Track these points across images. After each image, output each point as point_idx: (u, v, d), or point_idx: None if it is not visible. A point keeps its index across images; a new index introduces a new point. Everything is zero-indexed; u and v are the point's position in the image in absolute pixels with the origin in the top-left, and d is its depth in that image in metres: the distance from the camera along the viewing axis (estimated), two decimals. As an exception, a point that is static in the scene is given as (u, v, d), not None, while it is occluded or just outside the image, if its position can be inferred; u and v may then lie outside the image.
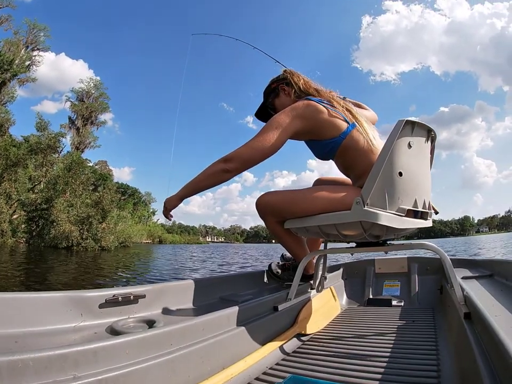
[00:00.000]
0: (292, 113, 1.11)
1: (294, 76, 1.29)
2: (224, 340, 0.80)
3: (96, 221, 18.18)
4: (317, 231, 1.10)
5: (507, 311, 0.73)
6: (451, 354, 0.89)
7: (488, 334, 0.59)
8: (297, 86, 1.25)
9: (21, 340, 0.64)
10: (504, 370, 0.48)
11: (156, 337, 0.65)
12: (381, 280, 1.84)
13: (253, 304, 1.01)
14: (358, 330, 1.22)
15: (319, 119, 1.10)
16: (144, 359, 0.61)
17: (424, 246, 1.08)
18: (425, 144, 1.06)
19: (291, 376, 0.78)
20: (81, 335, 0.74)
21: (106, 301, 0.86)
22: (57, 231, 16.82)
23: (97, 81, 34.75)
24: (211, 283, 1.27)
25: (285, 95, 1.29)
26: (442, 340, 1.03)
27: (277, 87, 1.31)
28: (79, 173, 19.46)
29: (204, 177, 1.12)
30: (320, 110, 1.11)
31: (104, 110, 34.41)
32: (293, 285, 1.19)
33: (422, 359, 0.88)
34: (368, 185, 0.94)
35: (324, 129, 1.12)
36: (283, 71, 1.34)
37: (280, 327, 1.10)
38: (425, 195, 1.06)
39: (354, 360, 0.91)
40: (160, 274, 6.20)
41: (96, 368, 0.53)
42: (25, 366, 0.46)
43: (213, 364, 0.75)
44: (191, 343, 0.72)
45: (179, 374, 0.66)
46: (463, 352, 0.75)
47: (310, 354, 1.00)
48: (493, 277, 1.28)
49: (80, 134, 31.81)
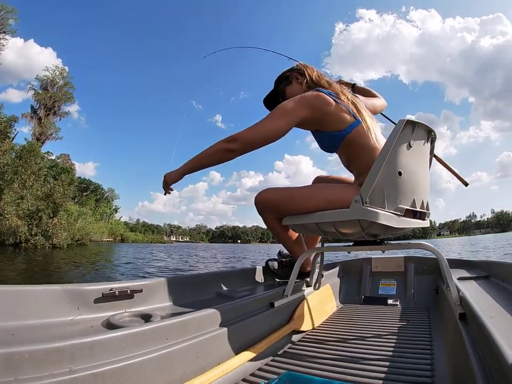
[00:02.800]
0: (300, 101, 1.12)
1: (308, 68, 1.31)
2: (220, 336, 0.80)
3: (47, 215, 16.62)
4: (315, 229, 1.10)
5: (502, 313, 0.74)
6: (445, 354, 0.89)
7: (482, 335, 0.59)
8: (310, 77, 1.27)
9: (18, 332, 0.64)
10: (497, 371, 0.48)
11: (152, 332, 0.65)
12: (377, 279, 1.85)
13: (249, 300, 1.01)
14: (354, 328, 1.23)
15: (326, 111, 1.11)
16: (140, 353, 0.61)
17: (421, 245, 1.08)
18: (425, 144, 1.06)
19: (286, 373, 0.78)
20: (78, 328, 0.74)
21: (103, 295, 0.86)
22: (4, 225, 14.96)
23: (63, 69, 32.65)
24: (208, 279, 1.27)
25: (297, 84, 1.30)
26: (437, 339, 1.03)
27: (290, 75, 1.32)
28: (31, 162, 17.06)
29: (206, 155, 1.13)
30: (329, 102, 1.11)
31: (68, 100, 32.57)
32: (290, 282, 1.20)
33: (416, 358, 0.89)
34: (367, 184, 0.94)
35: (330, 121, 1.12)
36: (297, 64, 1.36)
37: (276, 324, 1.10)
38: (423, 195, 1.06)
39: (349, 358, 0.92)
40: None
41: (92, 361, 0.53)
42: (21, 358, 0.46)
43: (209, 359, 0.75)
44: (187, 337, 0.72)
45: (175, 369, 0.66)
46: (458, 352, 0.75)
47: (305, 351, 1.01)
48: (489, 278, 1.28)
49: (42, 124, 29.95)
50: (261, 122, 1.10)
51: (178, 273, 6.31)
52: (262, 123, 1.10)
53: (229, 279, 1.35)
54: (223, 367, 0.77)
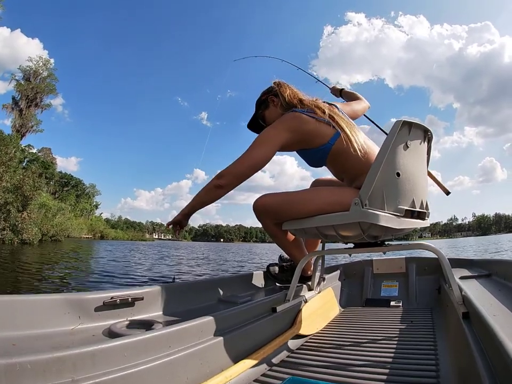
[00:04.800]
0: (279, 126, 1.15)
1: (282, 87, 1.31)
2: (222, 342, 0.79)
3: (15, 209, 15.50)
4: (315, 232, 1.10)
5: (505, 311, 0.73)
6: (450, 354, 0.89)
7: (486, 334, 0.59)
8: (283, 97, 1.28)
9: (19, 342, 0.63)
10: (503, 369, 0.48)
11: (154, 340, 0.65)
12: (379, 280, 1.84)
13: (251, 305, 1.01)
14: (357, 331, 1.22)
15: (305, 130, 1.13)
16: (143, 361, 0.60)
17: (422, 246, 1.08)
18: (422, 144, 1.07)
19: (290, 378, 0.78)
20: (79, 337, 0.73)
21: (104, 303, 0.85)
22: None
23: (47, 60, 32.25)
24: (209, 285, 1.26)
25: (274, 106, 1.32)
26: (440, 339, 1.03)
27: (267, 99, 1.34)
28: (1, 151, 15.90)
29: (203, 193, 1.17)
30: (306, 120, 1.13)
31: (51, 92, 32.14)
32: (291, 286, 1.19)
33: (420, 359, 0.89)
34: (366, 186, 0.94)
35: (311, 139, 1.14)
36: (273, 82, 1.37)
37: (279, 329, 1.09)
38: (422, 195, 1.06)
39: (353, 361, 0.91)
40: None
41: (94, 371, 0.53)
42: (23, 369, 0.46)
43: (212, 366, 0.75)
44: (190, 345, 0.71)
45: (178, 376, 0.66)
46: (462, 352, 0.75)
47: (309, 355, 1.00)
48: (491, 277, 1.28)
49: (23, 116, 29.57)
50: (245, 154, 1.14)
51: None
52: (246, 154, 1.14)
53: (230, 284, 1.35)
54: (226, 373, 0.76)
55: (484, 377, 0.52)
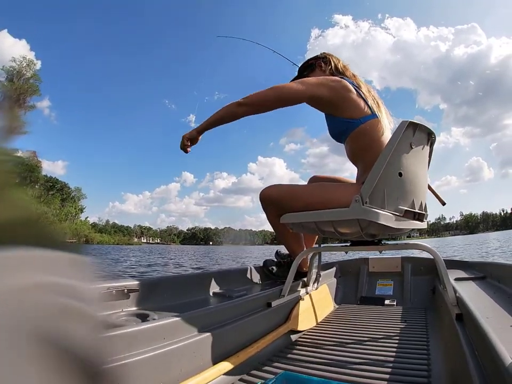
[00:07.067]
0: (322, 80, 1.13)
1: (334, 57, 1.31)
2: (217, 335, 0.79)
3: None
4: (313, 228, 1.10)
5: (499, 313, 0.74)
6: (442, 355, 0.90)
7: (479, 336, 0.59)
8: (336, 65, 1.27)
9: None
10: (494, 372, 0.48)
11: (149, 331, 0.65)
12: (374, 279, 1.85)
13: (246, 300, 1.01)
14: (350, 328, 1.23)
15: (344, 95, 1.11)
16: (137, 352, 0.60)
17: (419, 246, 1.09)
18: (425, 147, 1.06)
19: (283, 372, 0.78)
20: None
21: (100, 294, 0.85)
22: None
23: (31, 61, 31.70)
24: (205, 278, 1.26)
25: (320, 71, 1.30)
26: (433, 340, 1.04)
27: (315, 63, 1.32)
28: None
29: (223, 110, 1.14)
30: (349, 88, 1.11)
31: (34, 93, 31.89)
32: (287, 282, 1.19)
33: (413, 358, 0.89)
34: (368, 184, 0.94)
35: (345, 107, 1.12)
36: (321, 52, 1.35)
37: (273, 324, 1.10)
38: (422, 197, 1.06)
39: (346, 358, 0.92)
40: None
41: None
42: None
43: (205, 359, 0.75)
44: (184, 337, 0.71)
45: (171, 368, 0.66)
46: (454, 353, 0.75)
47: (302, 351, 1.01)
48: (486, 279, 1.29)
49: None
50: (278, 85, 1.12)
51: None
52: (278, 85, 1.12)
53: (226, 278, 1.35)
54: (219, 366, 0.77)
55: (475, 378, 0.52)
